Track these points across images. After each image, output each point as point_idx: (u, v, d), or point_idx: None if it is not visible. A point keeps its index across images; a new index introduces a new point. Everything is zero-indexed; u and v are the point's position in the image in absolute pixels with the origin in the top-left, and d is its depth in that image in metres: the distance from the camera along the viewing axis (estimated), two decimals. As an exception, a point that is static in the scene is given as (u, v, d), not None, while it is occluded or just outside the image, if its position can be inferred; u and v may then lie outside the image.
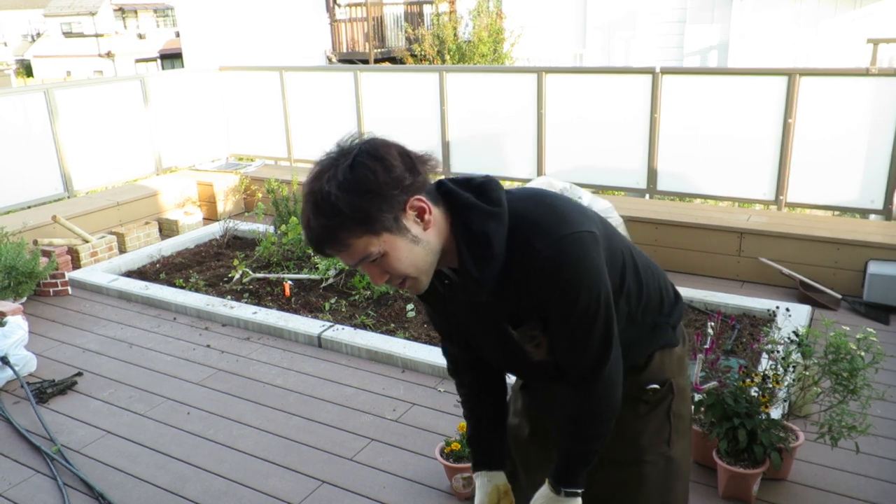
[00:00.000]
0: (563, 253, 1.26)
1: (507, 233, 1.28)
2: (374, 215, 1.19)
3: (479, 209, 1.28)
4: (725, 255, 4.65)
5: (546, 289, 1.28)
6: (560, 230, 1.27)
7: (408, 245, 1.24)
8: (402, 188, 1.20)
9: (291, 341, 3.96)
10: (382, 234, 1.21)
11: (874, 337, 2.58)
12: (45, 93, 5.86)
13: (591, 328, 1.33)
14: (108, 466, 2.90)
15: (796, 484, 2.64)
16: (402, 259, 1.24)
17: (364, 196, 1.17)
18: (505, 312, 1.37)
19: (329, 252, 1.23)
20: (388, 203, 1.19)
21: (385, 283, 1.29)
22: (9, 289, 4.38)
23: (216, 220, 6.18)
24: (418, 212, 1.24)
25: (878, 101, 4.56)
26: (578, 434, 1.43)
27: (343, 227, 1.18)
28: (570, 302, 1.29)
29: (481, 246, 1.27)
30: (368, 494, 2.68)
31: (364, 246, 1.21)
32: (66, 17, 35.89)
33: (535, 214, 1.29)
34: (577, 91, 5.58)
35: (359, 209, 1.17)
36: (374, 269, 1.26)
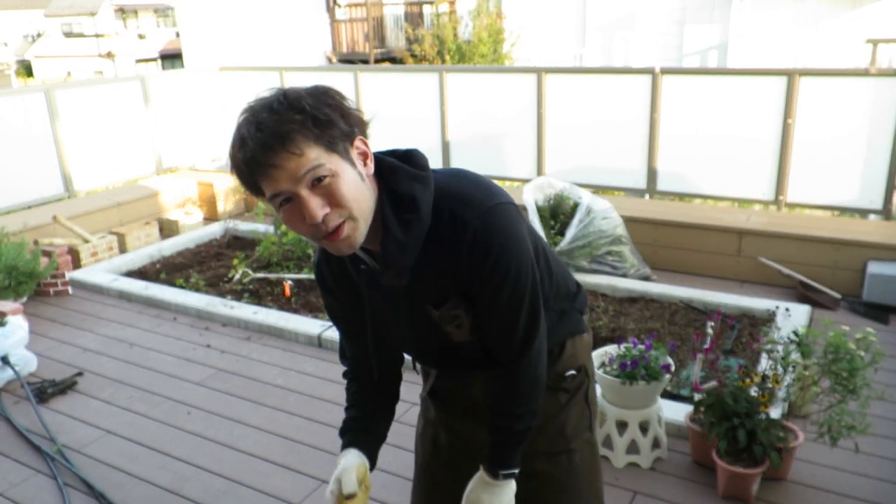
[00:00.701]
0: (492, 224, 1.22)
1: (433, 204, 1.23)
2: (336, 123, 1.12)
3: (405, 171, 1.23)
4: (725, 255, 4.65)
5: (477, 261, 1.23)
6: (487, 201, 1.23)
7: (356, 177, 1.16)
8: (354, 120, 1.16)
9: (291, 341, 3.97)
10: (334, 154, 1.12)
11: (873, 337, 2.58)
12: (46, 93, 5.87)
13: (523, 300, 1.31)
14: (108, 466, 2.91)
15: (796, 483, 2.64)
16: (352, 187, 1.14)
17: (327, 104, 1.12)
18: (425, 293, 1.32)
19: (271, 161, 1.08)
20: (345, 122, 1.13)
21: (318, 223, 1.13)
22: (9, 289, 4.38)
23: (216, 220, 6.19)
24: (363, 153, 1.19)
25: (878, 102, 4.56)
26: (512, 412, 1.39)
27: (303, 128, 1.08)
28: (502, 274, 1.25)
29: (407, 207, 1.22)
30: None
31: (317, 156, 1.10)
32: (67, 17, 35.92)
33: (459, 188, 1.26)
34: (577, 91, 5.58)
35: (322, 112, 1.10)
36: (317, 198, 1.12)
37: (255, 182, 1.12)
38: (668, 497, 2.59)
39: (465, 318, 1.34)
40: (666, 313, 4.09)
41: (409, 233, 1.22)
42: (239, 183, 1.16)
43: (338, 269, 1.39)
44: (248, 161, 1.09)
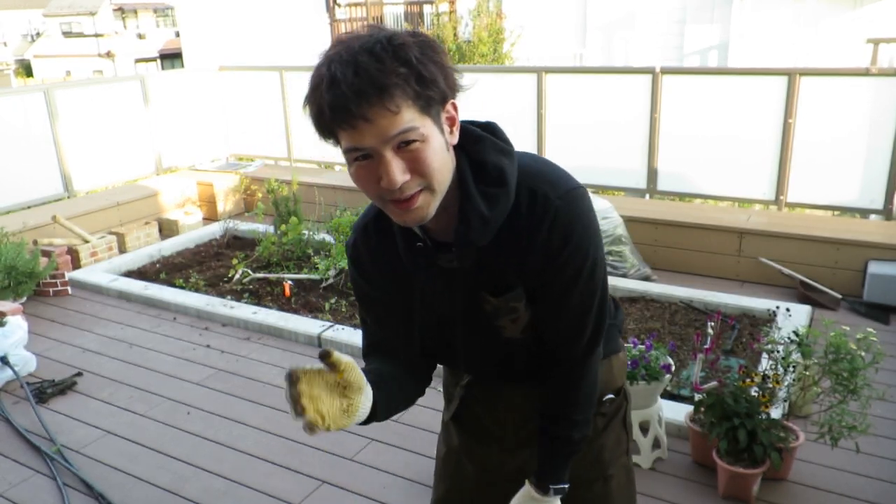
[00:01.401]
0: (575, 206, 1.13)
1: None
2: (437, 85, 1.00)
3: (492, 142, 1.13)
4: (725, 255, 4.65)
5: (556, 245, 1.13)
6: (569, 182, 1.15)
7: (442, 145, 1.05)
8: (455, 79, 1.04)
9: (291, 341, 3.96)
10: (427, 117, 1.01)
11: (874, 337, 2.58)
12: (45, 93, 5.86)
13: (595, 294, 1.21)
14: (108, 466, 2.90)
15: (796, 484, 2.64)
16: (437, 155, 1.03)
17: (434, 59, 1.00)
18: (486, 279, 1.20)
19: (363, 113, 0.96)
20: (446, 83, 1.02)
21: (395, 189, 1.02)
22: (9, 289, 4.38)
23: (216, 220, 6.18)
24: (450, 120, 1.07)
25: (878, 101, 4.56)
26: (571, 419, 1.29)
27: (403, 83, 0.97)
28: (580, 261, 1.16)
29: (494, 180, 1.11)
30: (368, 494, 2.68)
31: (411, 118, 0.99)
32: (66, 17, 35.91)
33: (539, 166, 1.17)
34: (578, 91, 5.58)
35: (427, 69, 0.98)
36: (401, 162, 1.01)
37: (334, 129, 1.01)
38: (669, 497, 2.59)
39: (524, 313, 1.23)
40: (666, 313, 4.08)
41: (494, 208, 1.11)
42: (312, 123, 1.03)
43: (379, 248, 1.26)
44: (336, 106, 0.97)
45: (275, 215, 5.45)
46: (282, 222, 5.29)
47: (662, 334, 3.81)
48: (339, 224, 4.75)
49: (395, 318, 1.31)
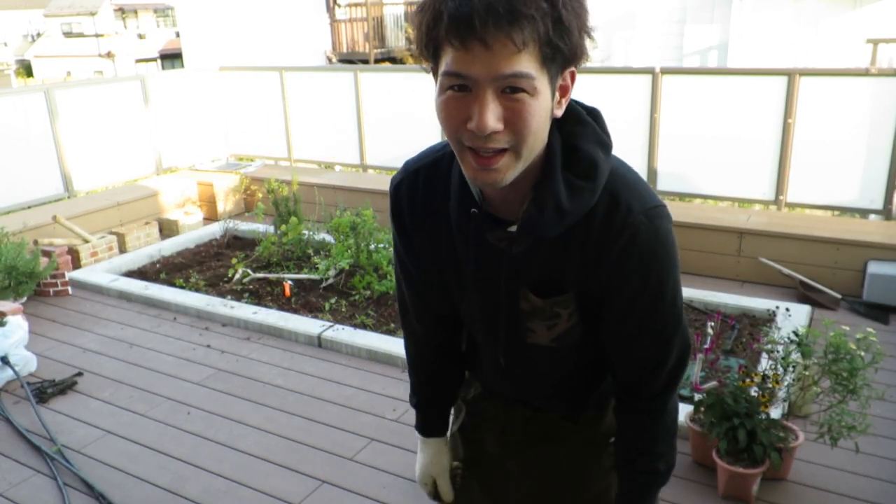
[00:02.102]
0: (659, 225, 1.02)
1: None
2: (571, 40, 0.89)
3: (594, 129, 1.03)
4: (725, 255, 4.65)
5: (633, 263, 1.02)
6: (653, 199, 1.04)
7: (548, 107, 0.94)
8: (586, 45, 0.93)
9: (291, 341, 3.96)
10: (545, 72, 0.90)
11: (874, 337, 2.58)
12: (46, 93, 5.87)
13: (679, 320, 1.10)
14: (108, 466, 2.90)
15: (796, 484, 2.64)
16: (540, 116, 0.92)
17: (577, 12, 0.89)
18: (533, 273, 1.09)
19: (483, 34, 0.84)
20: (579, 42, 0.91)
21: (483, 135, 0.90)
22: (9, 289, 4.38)
23: (216, 220, 6.19)
24: (563, 89, 0.97)
25: (878, 102, 4.56)
26: (655, 452, 1.19)
27: (541, 21, 0.86)
28: (659, 282, 1.05)
29: (583, 172, 0.99)
30: (368, 494, 2.68)
31: (532, 62, 0.88)
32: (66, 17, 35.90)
33: (626, 174, 1.06)
34: (577, 91, 5.56)
35: (569, 17, 0.88)
36: (499, 106, 0.90)
37: (442, 43, 0.89)
38: (669, 497, 2.59)
39: (565, 322, 1.12)
40: (666, 313, 4.08)
41: (575, 201, 0.99)
42: (417, 30, 0.92)
43: (426, 199, 1.14)
44: (460, 17, 0.85)
45: (275, 215, 5.45)
46: (282, 222, 5.29)
47: (662, 334, 3.81)
48: (339, 224, 4.75)
49: (426, 280, 1.22)
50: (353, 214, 4.83)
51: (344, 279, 4.60)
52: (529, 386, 1.30)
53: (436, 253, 1.17)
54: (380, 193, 5.83)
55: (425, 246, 1.18)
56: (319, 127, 6.87)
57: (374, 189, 5.93)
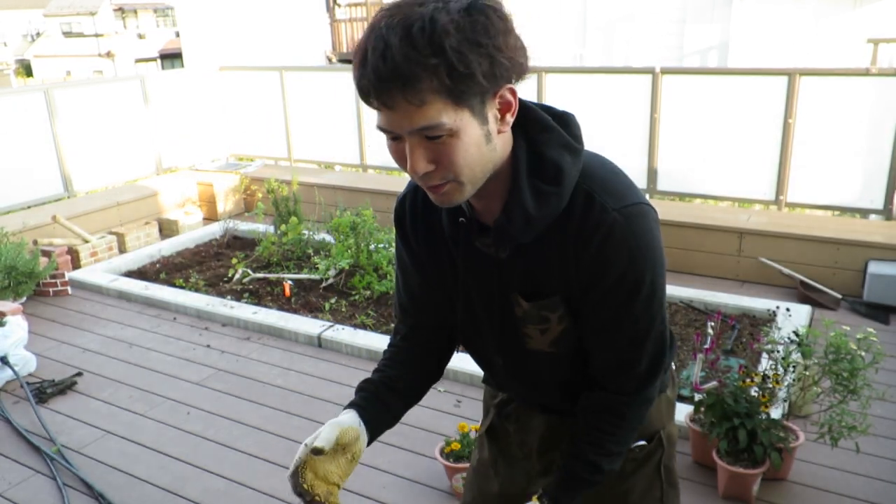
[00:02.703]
0: (635, 222, 1.04)
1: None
2: (475, 77, 0.90)
3: (559, 134, 1.04)
4: (725, 255, 4.64)
5: (608, 262, 1.04)
6: (633, 196, 1.06)
7: (479, 138, 0.96)
8: (511, 65, 0.93)
9: (291, 341, 3.96)
10: (464, 108, 0.93)
11: (874, 337, 2.58)
12: (45, 93, 5.86)
13: (653, 321, 1.11)
14: (107, 466, 2.90)
15: (796, 484, 2.63)
16: (468, 152, 0.96)
17: (474, 49, 0.89)
18: (520, 278, 1.12)
19: (388, 98, 0.91)
20: (491, 72, 0.92)
21: (422, 175, 0.97)
22: (9, 289, 4.38)
23: (216, 220, 6.18)
24: (503, 106, 0.98)
25: (879, 101, 4.55)
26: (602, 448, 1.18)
27: (433, 74, 0.88)
28: (635, 281, 1.06)
29: (549, 177, 1.02)
30: (368, 494, 2.68)
31: (438, 110, 0.91)
32: (66, 17, 35.91)
33: (603, 172, 1.08)
34: (577, 91, 5.58)
35: (464, 61, 0.88)
36: (425, 151, 0.95)
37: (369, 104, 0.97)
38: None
39: (555, 325, 1.15)
40: (666, 313, 4.07)
41: (542, 208, 1.03)
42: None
43: (424, 211, 1.19)
44: (362, 87, 0.92)
45: (275, 215, 5.45)
46: (282, 222, 5.29)
47: (662, 334, 3.81)
48: (339, 224, 4.75)
49: (424, 285, 1.26)
50: (353, 214, 4.83)
51: (344, 279, 4.60)
52: (539, 391, 1.31)
53: (438, 266, 1.22)
54: (380, 193, 5.83)
55: (428, 259, 1.23)
56: (319, 127, 6.87)
57: (374, 189, 5.93)
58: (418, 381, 1.33)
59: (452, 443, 2.67)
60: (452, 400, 3.28)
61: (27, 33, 38.30)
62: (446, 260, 1.20)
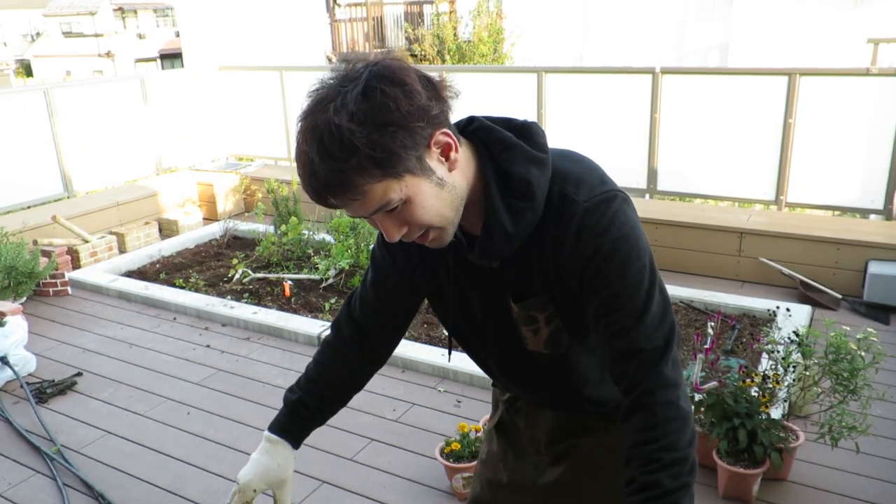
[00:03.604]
0: (606, 208, 1.06)
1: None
2: (396, 153, 0.96)
3: (521, 150, 1.08)
4: (725, 255, 4.64)
5: (586, 251, 1.06)
6: (602, 186, 1.09)
7: (433, 189, 1.02)
8: (427, 119, 0.98)
9: (291, 341, 3.96)
10: (405, 176, 0.98)
11: (874, 337, 2.58)
12: (45, 93, 5.86)
13: (649, 297, 1.09)
14: (107, 466, 2.90)
15: (796, 484, 2.63)
16: (428, 206, 1.02)
17: (384, 130, 0.94)
18: (511, 282, 1.16)
19: (337, 202, 0.99)
20: (411, 138, 0.96)
21: (402, 237, 1.06)
22: (8, 289, 4.38)
23: (216, 220, 6.18)
24: (443, 149, 1.02)
25: (879, 101, 4.55)
26: (655, 463, 1.04)
27: (359, 170, 0.95)
28: (619, 269, 1.07)
29: (519, 194, 1.07)
30: (368, 494, 2.68)
31: (383, 192, 0.98)
32: (66, 16, 35.90)
33: (570, 167, 1.12)
34: (578, 91, 5.58)
35: (378, 146, 0.94)
36: (392, 221, 1.03)
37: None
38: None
39: (544, 328, 1.17)
40: (666, 313, 4.08)
41: (518, 223, 1.07)
42: None
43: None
44: (311, 196, 1.01)
45: (275, 215, 5.45)
46: (282, 222, 5.29)
47: (662, 334, 3.81)
48: (339, 224, 4.75)
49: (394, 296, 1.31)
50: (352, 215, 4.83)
51: (344, 279, 4.60)
52: (541, 392, 1.33)
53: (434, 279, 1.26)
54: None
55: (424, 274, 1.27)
56: (319, 127, 6.85)
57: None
58: (360, 379, 1.40)
59: (452, 443, 2.67)
60: (452, 400, 3.28)
61: (27, 33, 38.30)
62: (444, 277, 1.24)
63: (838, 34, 9.45)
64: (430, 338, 3.87)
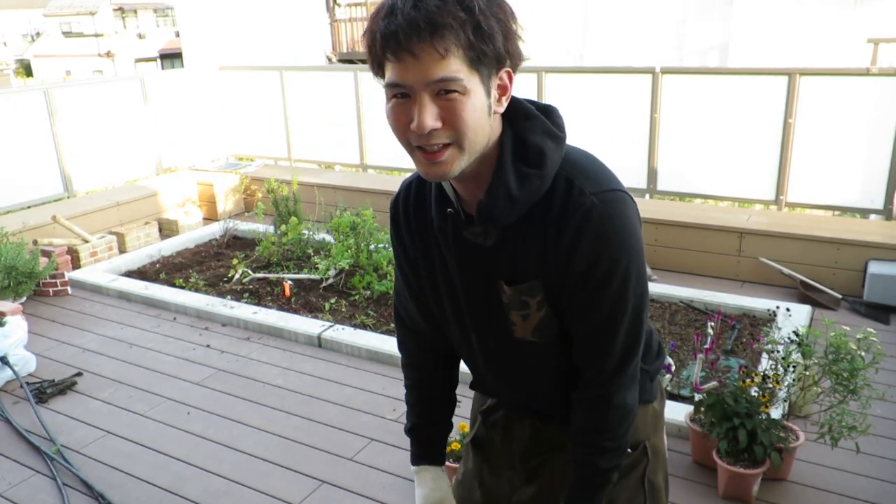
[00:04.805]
0: (612, 207, 1.06)
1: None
2: (495, 42, 0.98)
3: (542, 122, 1.10)
4: (725, 255, 4.64)
5: (584, 246, 1.07)
6: (610, 183, 1.09)
7: (483, 105, 1.02)
8: (515, 47, 1.01)
9: (291, 341, 3.96)
10: (476, 73, 0.99)
11: (874, 337, 2.58)
12: (45, 93, 5.86)
13: (626, 307, 1.11)
14: (107, 466, 2.90)
15: (796, 484, 2.63)
16: (475, 113, 1.01)
17: (495, 19, 0.97)
18: (505, 264, 1.15)
19: (411, 47, 0.95)
20: (504, 46, 0.99)
21: (424, 133, 1.00)
22: (8, 289, 4.38)
23: (216, 220, 6.18)
24: (501, 89, 1.04)
25: (879, 101, 4.55)
26: (599, 446, 1.20)
27: (460, 29, 0.95)
28: (611, 265, 1.08)
29: (531, 160, 1.07)
30: (368, 494, 2.68)
31: (456, 68, 0.97)
32: (66, 16, 35.89)
33: (586, 160, 1.13)
34: (578, 91, 5.58)
35: (489, 23, 0.96)
36: (433, 107, 0.99)
37: (382, 59, 1.00)
38: (669, 497, 2.58)
39: (535, 313, 1.17)
40: (666, 313, 4.08)
41: (524, 188, 1.07)
42: (365, 51, 1.03)
43: (416, 207, 1.24)
44: (388, 35, 0.96)
45: (275, 215, 5.45)
46: (282, 222, 5.29)
47: (663, 334, 3.81)
48: (339, 224, 4.75)
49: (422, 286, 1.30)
50: (353, 214, 4.83)
51: (344, 279, 4.60)
52: (524, 389, 1.32)
53: (429, 263, 1.25)
54: (380, 193, 5.83)
55: (420, 254, 1.26)
56: (319, 127, 6.87)
57: (374, 189, 5.93)
58: (450, 390, 1.47)
59: (452, 443, 2.66)
60: (452, 400, 3.28)
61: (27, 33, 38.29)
62: (437, 258, 1.23)
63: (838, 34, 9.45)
64: (430, 338, 3.87)
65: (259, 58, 11.65)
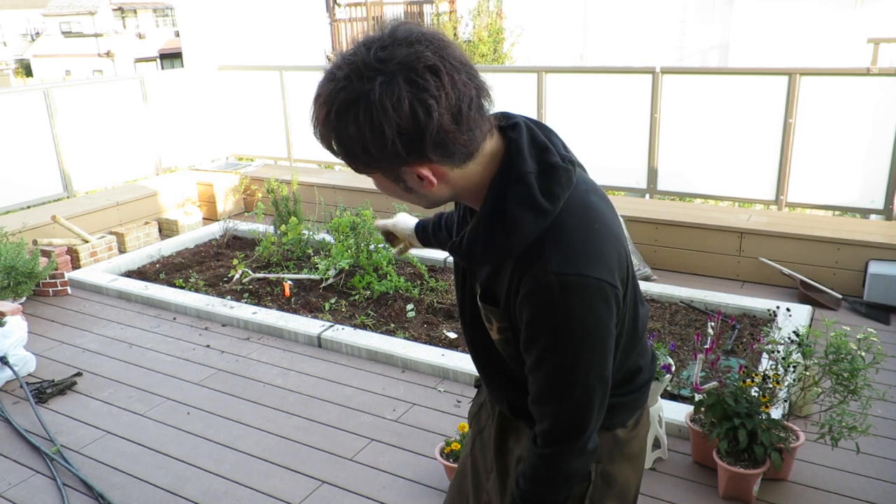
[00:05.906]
0: (569, 290, 1.03)
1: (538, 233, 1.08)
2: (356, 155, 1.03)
3: (527, 192, 1.05)
4: (725, 255, 4.64)
5: (529, 315, 1.08)
6: (581, 267, 1.04)
7: (396, 190, 1.09)
8: (416, 151, 0.98)
9: (291, 341, 3.96)
10: (375, 170, 1.06)
11: (874, 337, 2.58)
12: (45, 92, 5.86)
13: (563, 391, 1.10)
14: (107, 466, 2.90)
15: (796, 484, 2.63)
16: (390, 189, 1.10)
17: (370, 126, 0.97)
18: (482, 282, 1.20)
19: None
20: (387, 160, 1.00)
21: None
22: (8, 289, 4.38)
23: (216, 220, 6.18)
24: (421, 178, 1.04)
25: (879, 101, 4.55)
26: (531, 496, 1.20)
27: (328, 148, 1.08)
28: (553, 349, 1.08)
29: (504, 228, 1.06)
30: (368, 494, 2.68)
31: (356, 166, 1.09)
32: (66, 16, 35.89)
33: (571, 235, 1.07)
34: (578, 91, 5.58)
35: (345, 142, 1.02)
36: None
37: None
38: (669, 497, 2.59)
39: (496, 333, 1.21)
40: (666, 313, 4.08)
41: (488, 250, 1.10)
42: None
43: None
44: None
45: (275, 215, 5.44)
46: (282, 222, 5.28)
47: (663, 334, 3.81)
48: (339, 224, 4.74)
49: None
50: (353, 214, 4.83)
51: (344, 279, 4.60)
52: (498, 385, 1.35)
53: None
54: (380, 193, 5.79)
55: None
56: (319, 127, 6.85)
57: (374, 189, 5.87)
58: None
59: (452, 443, 2.66)
60: (452, 400, 3.28)
61: (27, 33, 38.29)
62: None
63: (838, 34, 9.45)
64: (430, 338, 3.87)
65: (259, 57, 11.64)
